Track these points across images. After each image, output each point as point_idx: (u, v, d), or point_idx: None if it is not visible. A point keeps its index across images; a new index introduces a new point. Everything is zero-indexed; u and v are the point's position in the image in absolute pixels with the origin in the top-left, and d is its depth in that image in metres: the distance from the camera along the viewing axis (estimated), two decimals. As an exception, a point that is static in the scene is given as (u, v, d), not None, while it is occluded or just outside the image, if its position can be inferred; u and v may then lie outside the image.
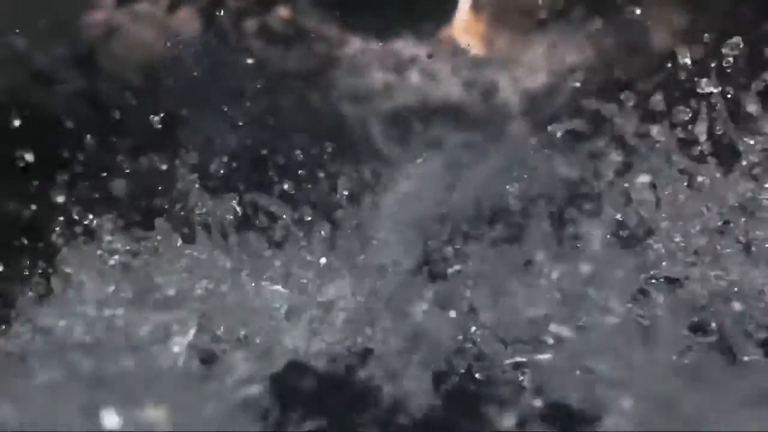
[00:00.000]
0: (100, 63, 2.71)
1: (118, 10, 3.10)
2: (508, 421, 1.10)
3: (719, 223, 1.91)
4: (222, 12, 3.20)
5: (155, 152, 2.13)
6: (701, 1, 3.13)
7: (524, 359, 1.40)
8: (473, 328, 1.55)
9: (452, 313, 1.55)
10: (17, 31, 2.36)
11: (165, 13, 3.17)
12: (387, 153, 2.85)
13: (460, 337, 1.55)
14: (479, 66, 3.33)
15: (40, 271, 1.79)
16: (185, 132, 2.40)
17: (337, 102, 3.11)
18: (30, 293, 1.72)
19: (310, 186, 2.57)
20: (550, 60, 3.35)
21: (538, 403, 1.14)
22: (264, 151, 2.71)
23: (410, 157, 2.80)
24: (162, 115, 2.37)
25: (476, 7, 3.52)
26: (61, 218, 1.86)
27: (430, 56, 2.64)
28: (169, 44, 2.97)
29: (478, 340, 1.54)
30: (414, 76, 3.28)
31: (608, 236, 1.78)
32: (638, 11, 3.17)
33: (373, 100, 3.15)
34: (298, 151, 2.74)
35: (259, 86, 2.89)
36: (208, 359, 1.53)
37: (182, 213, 1.96)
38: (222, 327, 1.57)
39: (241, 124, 2.76)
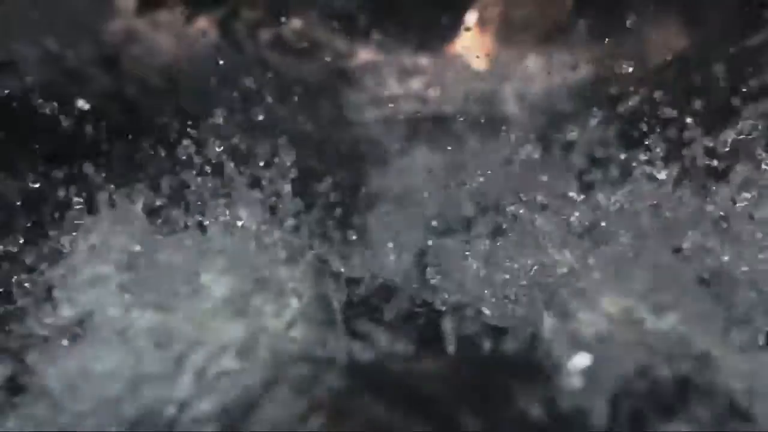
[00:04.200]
0: (122, 67, 2.83)
1: (138, 18, 3.23)
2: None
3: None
4: (237, 23, 3.34)
5: (171, 152, 2.24)
6: (699, 17, 3.21)
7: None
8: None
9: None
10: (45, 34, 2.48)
11: (183, 22, 3.30)
12: (392, 159, 2.95)
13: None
14: (483, 79, 3.44)
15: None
16: (199, 134, 2.51)
17: (346, 110, 3.23)
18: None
19: (315, 191, 2.65)
20: (553, 74, 3.44)
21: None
22: (274, 156, 2.80)
23: (415, 163, 2.90)
24: (178, 116, 2.47)
25: (481, 22, 3.64)
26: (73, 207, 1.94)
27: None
28: (186, 51, 3.09)
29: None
30: (420, 87, 3.39)
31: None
32: (638, 27, 3.27)
33: (380, 109, 3.26)
34: (307, 156, 2.84)
35: (271, 93, 2.99)
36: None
37: (190, 209, 2.03)
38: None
39: (253, 129, 2.87)
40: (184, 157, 2.22)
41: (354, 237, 1.94)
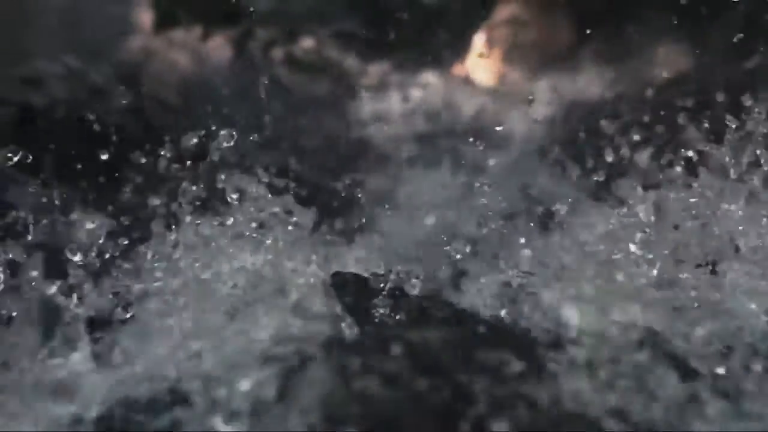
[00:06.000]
0: (140, 83, 2.92)
1: (155, 37, 3.33)
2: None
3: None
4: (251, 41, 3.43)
5: (186, 164, 2.29)
6: (705, 40, 3.23)
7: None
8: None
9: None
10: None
11: (198, 41, 3.40)
12: (400, 172, 3.01)
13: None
14: (490, 97, 3.51)
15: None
16: (213, 148, 2.58)
17: (356, 125, 3.30)
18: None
19: (327, 204, 2.69)
20: (559, 94, 3.50)
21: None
22: (286, 169, 2.86)
23: (424, 176, 2.96)
24: (193, 131, 2.54)
25: (489, 43, 3.72)
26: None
27: None
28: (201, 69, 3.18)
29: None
30: (428, 104, 3.46)
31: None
32: (645, 49, 3.32)
33: (388, 125, 3.33)
34: (317, 169, 2.90)
35: (283, 109, 3.06)
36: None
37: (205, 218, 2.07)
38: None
39: (265, 143, 2.93)
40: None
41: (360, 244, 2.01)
